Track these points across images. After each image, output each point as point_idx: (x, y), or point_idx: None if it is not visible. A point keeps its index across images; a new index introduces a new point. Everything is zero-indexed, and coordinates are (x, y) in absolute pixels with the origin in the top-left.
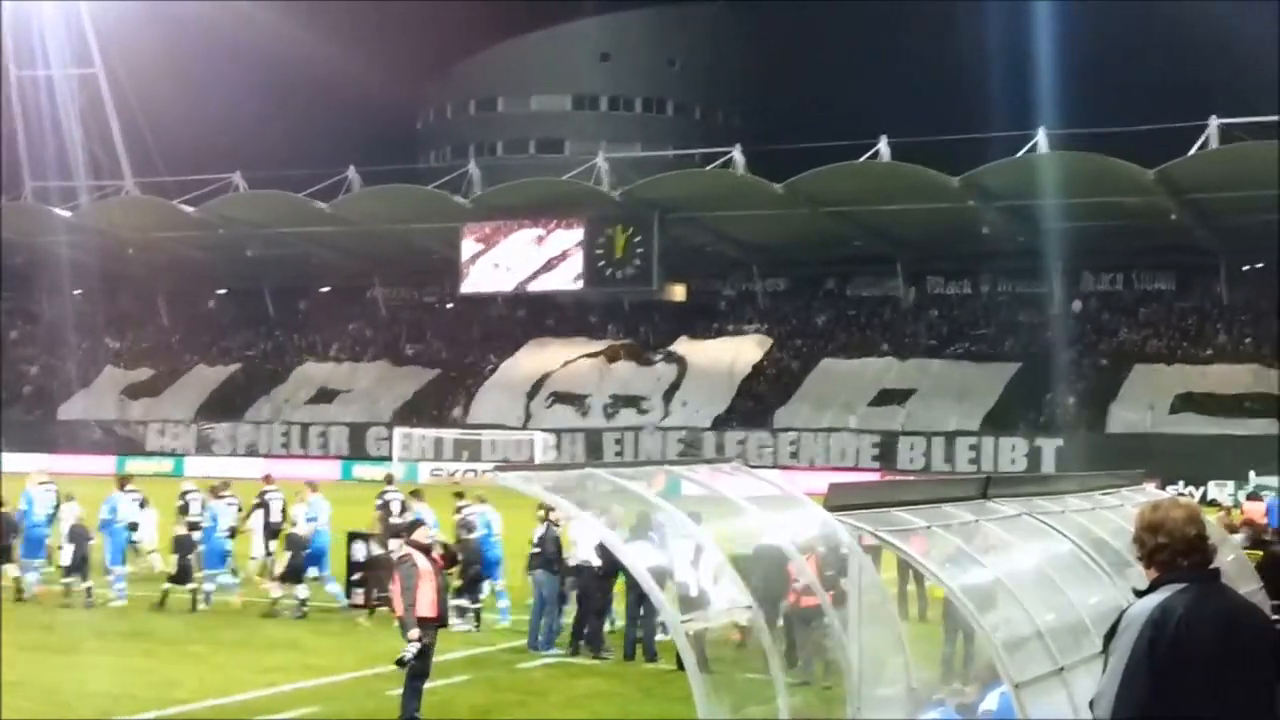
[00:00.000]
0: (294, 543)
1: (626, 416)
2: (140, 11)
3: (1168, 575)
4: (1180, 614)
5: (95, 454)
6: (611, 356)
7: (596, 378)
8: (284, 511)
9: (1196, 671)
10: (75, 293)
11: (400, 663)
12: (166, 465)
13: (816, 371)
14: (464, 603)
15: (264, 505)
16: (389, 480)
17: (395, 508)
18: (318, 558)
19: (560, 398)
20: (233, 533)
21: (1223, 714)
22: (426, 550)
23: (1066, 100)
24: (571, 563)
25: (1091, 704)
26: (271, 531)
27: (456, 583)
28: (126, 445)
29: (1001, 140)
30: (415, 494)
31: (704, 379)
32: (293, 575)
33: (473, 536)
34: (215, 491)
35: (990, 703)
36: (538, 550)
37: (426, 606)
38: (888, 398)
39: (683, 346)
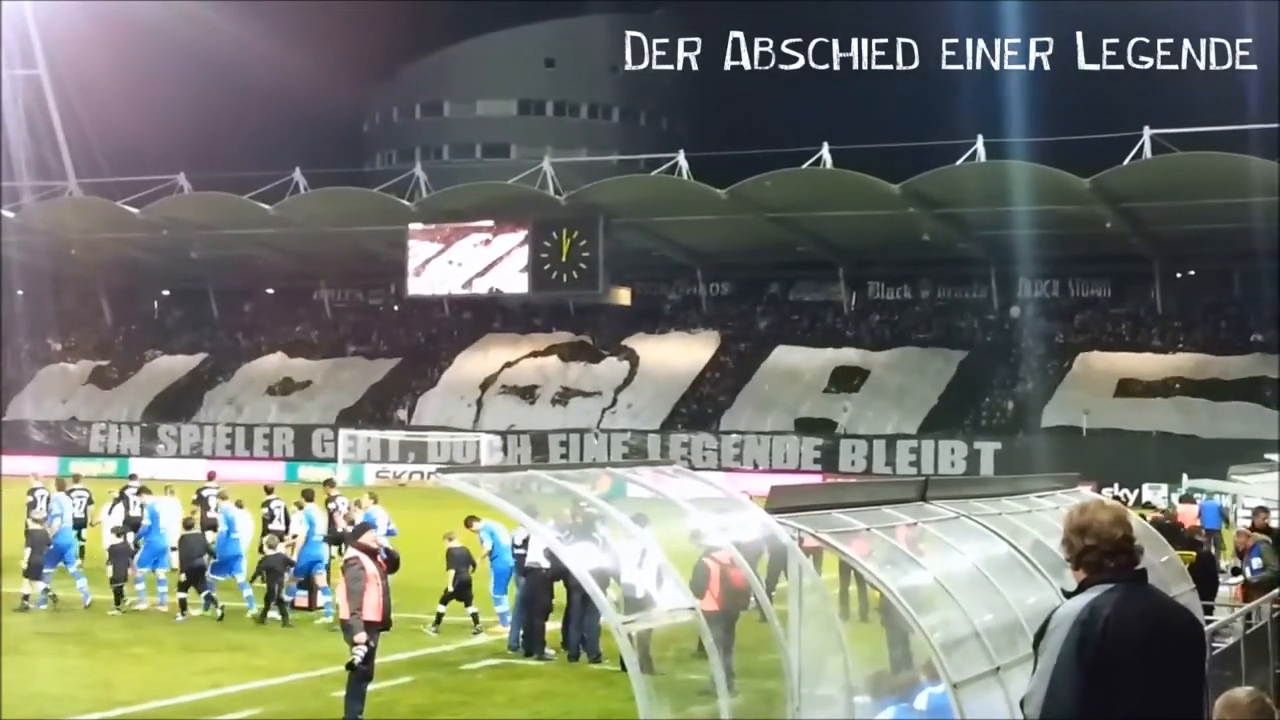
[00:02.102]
0: (33, 539)
1: (576, 405)
2: (84, 13)
3: (1095, 576)
4: (1108, 614)
5: (39, 455)
6: (562, 355)
7: (546, 376)
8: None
9: (1124, 671)
10: (18, 293)
11: (350, 666)
12: (111, 466)
13: (760, 374)
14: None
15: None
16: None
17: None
18: (59, 554)
19: (510, 390)
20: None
21: (1151, 713)
22: (373, 554)
23: (1005, 110)
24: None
25: (1022, 703)
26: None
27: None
28: (70, 446)
29: (941, 149)
30: (372, 496)
31: (651, 380)
32: (32, 572)
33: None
34: None
35: (920, 703)
36: (521, 553)
37: (372, 610)
38: (829, 401)
39: (633, 344)
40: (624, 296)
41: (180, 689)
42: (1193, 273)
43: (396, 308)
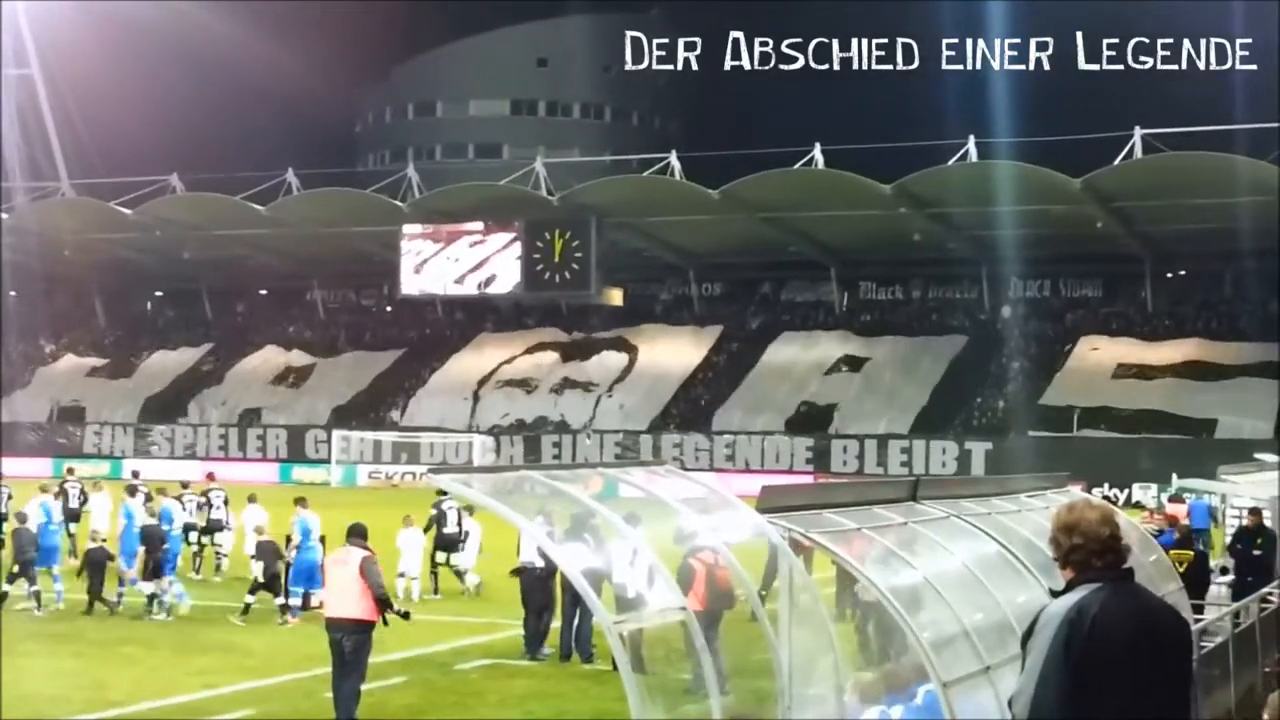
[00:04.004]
0: None
1: (572, 398)
2: (78, 12)
3: (1083, 575)
4: (1095, 613)
5: (31, 456)
6: (560, 353)
7: (541, 372)
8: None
9: (1111, 669)
10: (11, 295)
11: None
12: (104, 468)
13: (752, 375)
14: None
15: None
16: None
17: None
18: None
19: (505, 384)
20: None
21: (1138, 712)
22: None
23: (996, 110)
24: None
25: (1010, 702)
26: None
27: None
28: (64, 448)
29: (932, 149)
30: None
31: (644, 381)
32: None
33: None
34: None
35: (919, 701)
36: None
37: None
38: (822, 400)
39: (631, 337)
40: (616, 297)
41: (173, 690)
42: (1183, 272)
43: (389, 308)
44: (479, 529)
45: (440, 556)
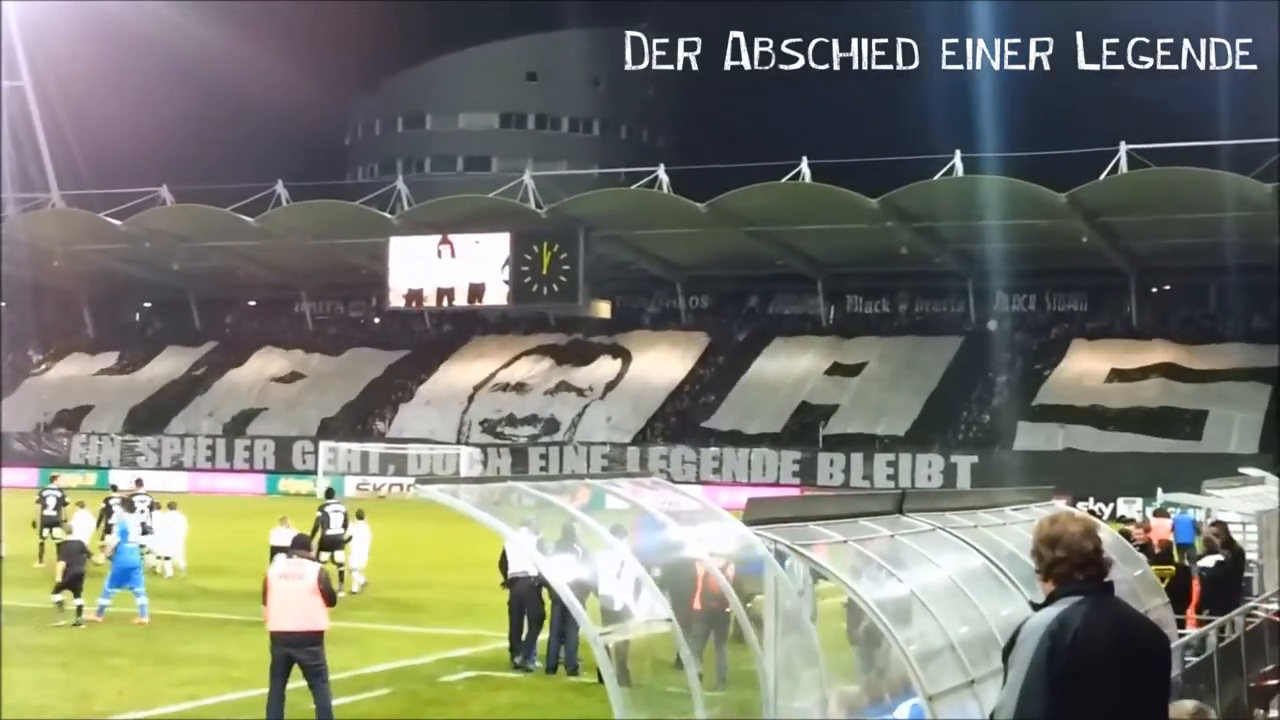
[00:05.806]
0: None
1: (563, 406)
2: (69, 24)
3: (1065, 588)
4: (1077, 626)
5: (18, 467)
6: (555, 358)
7: (531, 381)
8: None
9: (1093, 682)
10: (1, 305)
11: None
12: (91, 479)
13: (739, 387)
14: None
15: None
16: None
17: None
18: None
19: (499, 388)
20: None
21: None
22: None
23: (982, 125)
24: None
25: (993, 715)
26: None
27: None
28: (50, 458)
29: (919, 163)
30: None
31: (630, 393)
32: None
33: None
34: None
35: (901, 713)
36: None
37: None
38: (809, 413)
39: (625, 342)
40: (604, 309)
41: (157, 700)
42: (1168, 286)
43: (377, 320)
44: (368, 532)
45: (324, 556)
